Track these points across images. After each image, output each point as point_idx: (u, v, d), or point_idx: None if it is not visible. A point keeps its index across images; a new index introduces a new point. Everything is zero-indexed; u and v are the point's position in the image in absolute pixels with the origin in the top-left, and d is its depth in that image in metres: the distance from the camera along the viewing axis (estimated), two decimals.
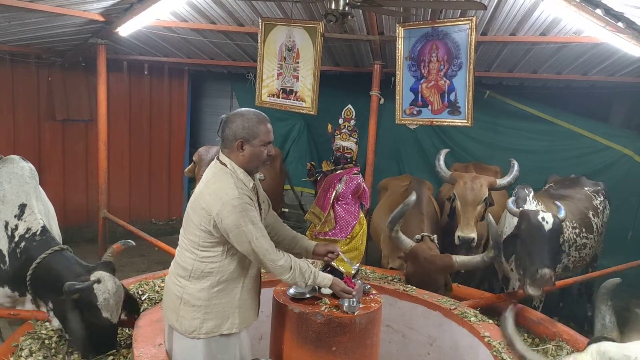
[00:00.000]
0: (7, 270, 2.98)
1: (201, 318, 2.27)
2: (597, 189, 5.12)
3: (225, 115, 2.32)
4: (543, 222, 3.46)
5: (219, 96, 8.76)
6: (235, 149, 2.26)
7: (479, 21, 4.47)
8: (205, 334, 2.28)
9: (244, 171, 2.29)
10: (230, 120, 2.27)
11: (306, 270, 2.33)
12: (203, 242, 2.24)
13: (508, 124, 7.01)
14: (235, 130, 2.25)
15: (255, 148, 2.27)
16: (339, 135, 2.90)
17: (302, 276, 2.32)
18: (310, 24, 4.87)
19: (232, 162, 2.28)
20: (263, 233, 2.23)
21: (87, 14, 4.85)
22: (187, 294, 2.27)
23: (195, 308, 2.26)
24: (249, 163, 2.29)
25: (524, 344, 2.06)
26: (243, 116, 2.28)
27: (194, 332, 2.28)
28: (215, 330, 2.30)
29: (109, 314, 2.74)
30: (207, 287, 2.26)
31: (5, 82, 6.57)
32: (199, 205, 2.23)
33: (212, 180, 2.27)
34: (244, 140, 2.25)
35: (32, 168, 3.31)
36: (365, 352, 2.64)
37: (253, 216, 2.20)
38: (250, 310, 2.42)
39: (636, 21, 3.59)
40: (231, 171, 2.26)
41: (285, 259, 2.28)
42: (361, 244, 2.90)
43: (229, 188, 2.19)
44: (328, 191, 2.86)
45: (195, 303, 2.26)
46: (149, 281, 3.59)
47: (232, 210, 2.15)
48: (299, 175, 6.93)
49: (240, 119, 2.27)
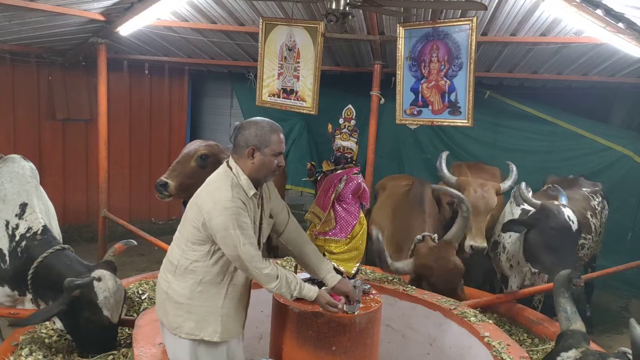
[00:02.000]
0: (7, 270, 2.98)
1: (183, 316, 2.27)
2: (595, 189, 5.12)
3: (240, 123, 2.35)
4: (570, 221, 3.39)
5: (220, 96, 8.76)
6: (245, 155, 2.27)
7: (480, 21, 4.47)
8: (187, 334, 2.28)
9: (248, 179, 2.28)
10: (243, 127, 2.29)
11: (292, 280, 2.29)
12: (191, 238, 2.26)
13: (508, 124, 7.02)
14: (247, 137, 2.26)
15: (265, 157, 2.27)
16: (339, 135, 2.90)
17: (288, 287, 2.28)
18: (310, 23, 4.88)
19: (239, 167, 2.29)
20: (251, 240, 2.21)
21: (87, 13, 4.85)
22: (171, 289, 2.29)
23: (178, 305, 2.27)
24: (258, 172, 2.29)
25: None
26: (257, 124, 2.29)
27: (177, 329, 2.29)
28: (196, 333, 2.28)
29: (109, 313, 2.74)
30: (189, 285, 2.27)
31: (6, 81, 6.58)
32: (195, 201, 2.26)
33: (212, 179, 2.30)
34: (255, 147, 2.25)
35: (33, 167, 3.32)
36: (365, 351, 2.64)
37: (243, 222, 2.19)
38: (234, 321, 2.39)
39: (636, 22, 3.59)
40: (234, 175, 2.27)
41: (271, 268, 2.25)
42: (361, 244, 2.90)
43: (224, 189, 2.20)
44: (328, 191, 2.86)
45: (178, 300, 2.27)
46: (149, 280, 3.60)
47: (222, 212, 2.15)
48: (299, 175, 6.94)
49: (254, 126, 2.28)
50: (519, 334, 3.62)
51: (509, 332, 3.49)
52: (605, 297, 6.03)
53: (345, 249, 2.84)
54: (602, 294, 5.93)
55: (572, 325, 2.01)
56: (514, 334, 3.58)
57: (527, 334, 3.62)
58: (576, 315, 2.05)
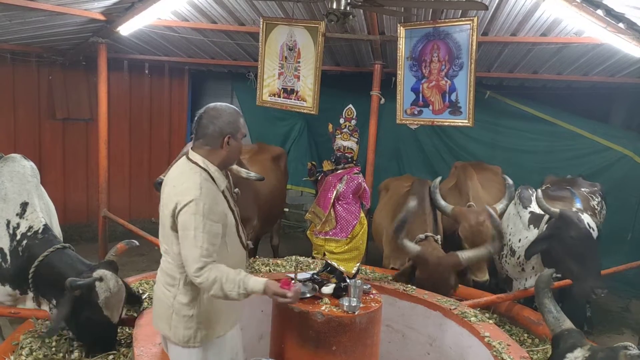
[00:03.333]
0: (8, 269, 2.98)
1: (195, 327, 2.22)
2: (593, 189, 5.12)
3: (202, 111, 2.25)
4: (590, 229, 3.36)
5: (220, 96, 8.74)
6: (220, 145, 2.22)
7: (480, 21, 4.47)
8: (201, 341, 2.26)
9: (218, 169, 2.24)
10: (213, 117, 2.21)
11: (227, 282, 2.09)
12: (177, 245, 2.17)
13: (508, 124, 7.01)
14: (221, 127, 2.20)
15: (238, 142, 2.27)
16: (340, 134, 2.90)
17: (222, 290, 2.09)
18: (311, 23, 4.88)
19: (207, 160, 2.22)
20: (210, 244, 2.09)
21: (88, 12, 4.85)
22: (177, 303, 2.22)
23: (188, 318, 2.21)
24: (230, 158, 2.29)
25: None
26: (224, 111, 2.24)
27: (189, 341, 2.23)
28: (210, 337, 2.28)
29: (110, 313, 2.75)
30: (196, 295, 2.21)
31: (6, 80, 6.57)
32: (168, 208, 2.16)
33: (180, 180, 2.19)
34: (231, 135, 2.22)
35: (34, 167, 3.32)
36: (365, 351, 2.64)
37: (210, 225, 2.10)
38: (238, 305, 2.40)
39: (637, 22, 3.59)
40: (203, 170, 2.19)
41: (205, 277, 2.08)
42: (361, 244, 2.90)
43: (194, 189, 2.11)
44: (329, 191, 2.86)
45: (187, 313, 2.21)
46: (149, 280, 3.60)
47: (191, 210, 2.08)
48: (300, 174, 6.94)
49: (223, 114, 2.22)
50: (519, 334, 3.63)
51: (509, 332, 3.49)
52: (605, 298, 6.00)
53: (346, 249, 2.84)
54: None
55: (563, 324, 2.00)
56: (514, 334, 3.59)
57: (527, 334, 3.62)
58: (562, 315, 2.03)
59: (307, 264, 3.91)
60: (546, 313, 2.07)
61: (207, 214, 2.10)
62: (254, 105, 5.58)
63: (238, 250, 2.38)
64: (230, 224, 2.28)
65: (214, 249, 2.12)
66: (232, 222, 2.29)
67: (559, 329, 2.00)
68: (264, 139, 7.17)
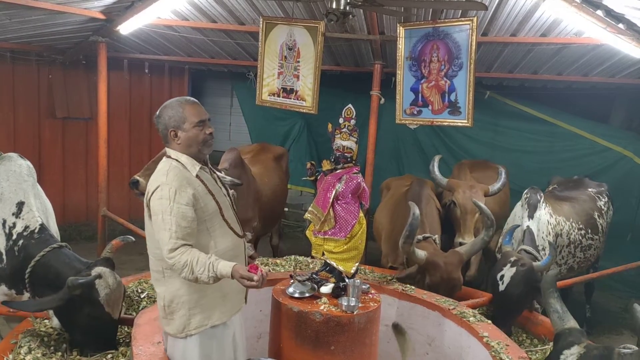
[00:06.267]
0: (4, 268, 2.97)
1: (187, 314, 2.25)
2: (600, 189, 5.13)
3: (157, 113, 2.34)
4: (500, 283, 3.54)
5: (220, 95, 8.76)
6: (171, 139, 2.29)
7: (480, 22, 4.47)
8: (196, 328, 2.27)
9: (188, 157, 2.29)
10: (158, 116, 2.30)
11: (197, 265, 2.12)
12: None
13: (508, 124, 7.02)
14: (165, 122, 2.28)
15: (188, 132, 2.27)
16: (339, 134, 2.90)
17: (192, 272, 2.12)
18: (311, 23, 4.87)
19: (175, 151, 2.30)
20: (180, 227, 2.13)
21: (88, 11, 4.85)
22: (169, 293, 2.26)
23: (180, 305, 2.25)
24: (189, 147, 2.29)
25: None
26: (166, 107, 2.31)
27: (184, 330, 2.26)
28: (205, 323, 2.28)
29: (111, 309, 2.76)
30: (182, 280, 2.21)
31: (6, 79, 6.57)
32: (145, 199, 2.26)
33: (154, 177, 2.28)
34: (175, 128, 2.27)
35: (30, 166, 3.30)
36: (364, 351, 2.65)
37: (178, 207, 2.14)
38: (238, 294, 2.39)
39: (637, 22, 3.59)
40: (174, 159, 2.27)
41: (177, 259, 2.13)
42: (360, 244, 2.90)
43: (162, 175, 2.20)
44: (328, 190, 2.86)
45: (179, 301, 2.25)
46: (148, 279, 3.59)
47: (158, 195, 2.16)
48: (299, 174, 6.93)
49: (165, 110, 2.30)
50: (518, 334, 3.62)
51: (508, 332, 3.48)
52: (605, 298, 6.03)
53: (345, 249, 2.84)
54: (601, 295, 5.93)
55: (566, 323, 2.02)
56: (513, 334, 3.58)
57: (526, 334, 3.62)
58: (568, 314, 2.06)
59: (306, 263, 3.91)
60: (552, 312, 2.10)
61: (174, 197, 2.15)
62: (254, 104, 5.58)
63: (229, 237, 2.36)
64: (211, 208, 2.28)
65: (185, 232, 2.15)
66: (212, 206, 2.29)
67: (561, 328, 2.02)
68: (263, 138, 7.17)
